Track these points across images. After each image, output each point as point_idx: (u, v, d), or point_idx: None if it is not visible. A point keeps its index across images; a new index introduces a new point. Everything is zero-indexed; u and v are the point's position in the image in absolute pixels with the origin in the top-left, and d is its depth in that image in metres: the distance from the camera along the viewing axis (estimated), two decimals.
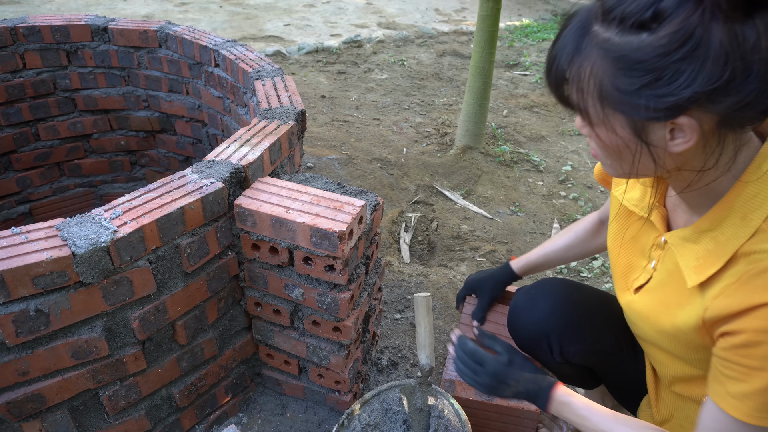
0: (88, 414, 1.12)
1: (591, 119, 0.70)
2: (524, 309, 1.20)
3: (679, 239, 0.81)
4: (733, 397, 0.75)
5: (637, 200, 0.92)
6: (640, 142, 0.68)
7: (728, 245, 0.73)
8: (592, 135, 0.73)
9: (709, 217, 0.76)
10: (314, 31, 5.25)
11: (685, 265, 0.79)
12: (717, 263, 0.74)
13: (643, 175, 0.76)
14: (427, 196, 2.63)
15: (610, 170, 0.79)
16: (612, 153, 0.74)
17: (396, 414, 1.24)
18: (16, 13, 5.03)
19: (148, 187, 1.11)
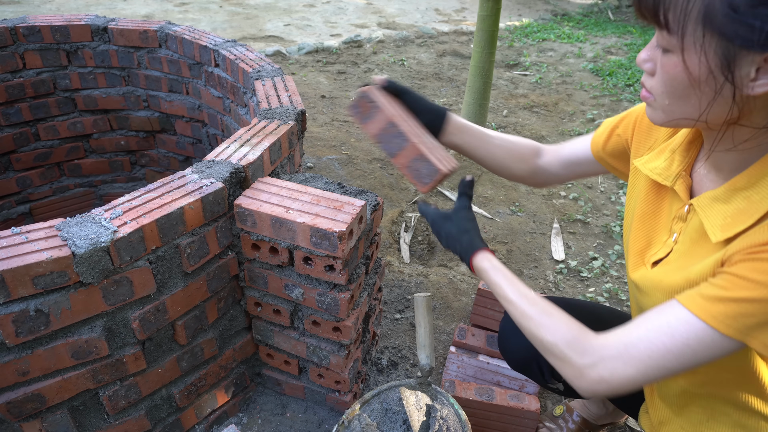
0: (88, 414, 1.12)
1: (684, 43, 0.66)
2: (511, 333, 1.19)
3: (708, 200, 0.77)
4: (704, 298, 0.71)
5: (662, 169, 0.88)
6: (725, 75, 0.65)
7: (762, 203, 0.70)
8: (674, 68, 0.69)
9: (748, 173, 0.73)
10: (314, 31, 5.25)
11: (710, 224, 0.75)
12: (747, 221, 0.71)
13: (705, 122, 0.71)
14: (427, 196, 2.63)
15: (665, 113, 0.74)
16: (684, 89, 0.69)
17: (396, 414, 1.24)
18: (16, 13, 5.03)
19: (148, 187, 1.11)
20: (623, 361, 0.76)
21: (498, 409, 1.34)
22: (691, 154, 0.86)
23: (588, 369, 0.79)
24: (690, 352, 0.72)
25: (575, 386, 0.83)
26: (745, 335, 0.68)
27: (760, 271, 0.66)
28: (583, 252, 2.29)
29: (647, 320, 0.76)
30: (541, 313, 0.87)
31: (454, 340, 1.62)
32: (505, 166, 1.20)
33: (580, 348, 0.81)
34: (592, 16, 6.53)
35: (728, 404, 0.89)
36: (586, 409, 1.42)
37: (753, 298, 0.67)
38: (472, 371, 1.57)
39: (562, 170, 1.17)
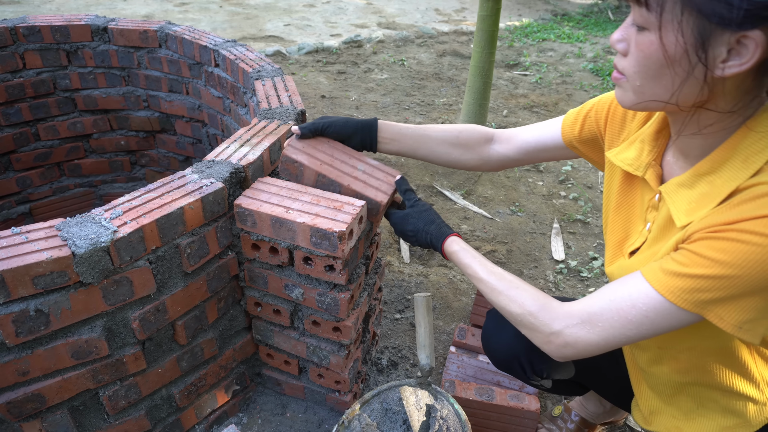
0: (88, 414, 1.12)
1: (662, 21, 0.67)
2: (493, 333, 1.21)
3: (674, 186, 0.80)
4: (664, 272, 0.74)
5: (632, 159, 0.90)
6: (698, 54, 0.66)
7: (725, 186, 0.73)
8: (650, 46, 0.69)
9: (711, 159, 0.75)
10: (314, 31, 5.25)
11: (675, 209, 0.78)
12: (709, 204, 0.73)
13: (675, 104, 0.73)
14: (427, 196, 2.63)
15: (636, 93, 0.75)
16: (657, 68, 0.70)
17: (396, 414, 1.24)
18: (16, 13, 5.03)
19: (148, 187, 1.11)
20: (587, 329, 0.81)
21: (498, 409, 1.34)
22: (660, 143, 0.88)
23: (554, 336, 0.85)
24: (648, 322, 0.76)
25: (545, 351, 0.90)
26: (701, 309, 0.72)
27: (717, 249, 0.69)
28: (583, 252, 2.29)
29: (611, 290, 0.81)
30: (509, 287, 0.93)
31: (454, 340, 1.62)
32: (451, 159, 1.22)
33: (546, 317, 0.86)
34: (592, 16, 6.53)
35: (715, 390, 0.90)
36: (584, 409, 1.42)
37: (708, 275, 0.70)
38: (472, 371, 1.57)
39: (522, 156, 1.17)
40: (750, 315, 0.70)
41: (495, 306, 0.96)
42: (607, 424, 1.48)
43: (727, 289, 0.69)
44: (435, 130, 1.20)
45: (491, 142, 1.20)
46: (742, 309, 0.70)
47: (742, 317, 0.70)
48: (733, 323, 0.71)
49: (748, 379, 0.86)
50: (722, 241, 0.69)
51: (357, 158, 1.21)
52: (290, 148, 1.17)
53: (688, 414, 0.96)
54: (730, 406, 0.90)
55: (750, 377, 0.86)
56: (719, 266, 0.69)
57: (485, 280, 0.97)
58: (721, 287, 0.69)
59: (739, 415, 0.90)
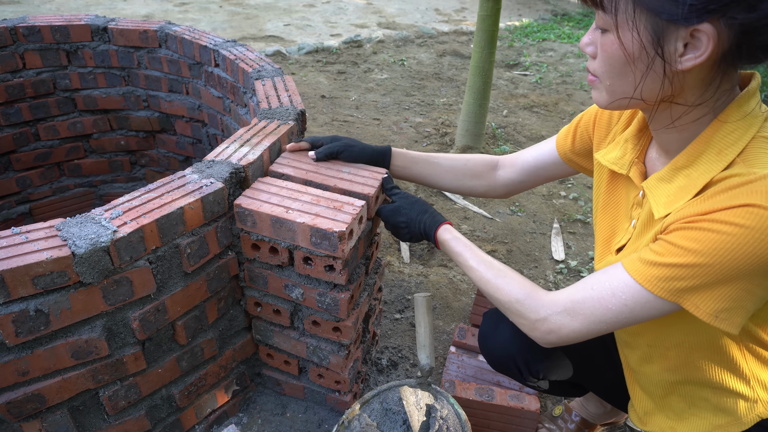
0: (88, 414, 1.12)
1: (618, 21, 0.71)
2: (489, 334, 1.22)
3: (655, 181, 0.83)
4: (642, 262, 0.77)
5: (617, 158, 0.93)
6: (655, 49, 0.70)
7: (700, 179, 0.75)
8: (611, 45, 0.74)
9: (686, 152, 0.78)
10: (314, 31, 5.25)
11: (655, 203, 0.81)
12: (686, 196, 0.76)
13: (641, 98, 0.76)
14: (427, 196, 2.63)
15: (608, 93, 0.79)
16: (621, 66, 0.74)
17: (396, 414, 1.24)
18: (16, 13, 5.03)
19: (148, 187, 1.11)
20: (570, 317, 0.85)
21: (498, 409, 1.34)
22: (643, 141, 0.91)
23: (539, 323, 0.89)
24: (627, 310, 0.79)
25: (531, 337, 0.93)
26: (677, 297, 0.74)
27: (690, 239, 0.71)
28: (583, 252, 2.29)
29: (593, 279, 0.84)
30: (498, 275, 0.97)
31: (454, 340, 1.62)
32: (460, 186, 1.28)
33: (532, 304, 0.90)
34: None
35: (706, 388, 0.91)
36: (584, 409, 1.42)
37: (682, 264, 0.72)
38: (472, 371, 1.57)
39: (526, 177, 1.22)
40: (725, 304, 0.72)
41: (485, 294, 1.00)
42: (608, 425, 1.48)
43: (700, 277, 0.71)
44: (444, 158, 1.27)
45: (496, 169, 1.25)
46: (716, 298, 0.72)
47: (717, 306, 0.72)
48: (709, 312, 0.73)
49: (738, 375, 0.87)
50: (695, 231, 0.71)
51: (341, 163, 1.28)
52: (275, 164, 1.26)
53: (680, 414, 0.96)
54: (721, 404, 0.90)
55: (740, 374, 0.87)
56: (692, 255, 0.71)
57: (475, 269, 1.00)
58: (694, 275, 0.72)
59: (730, 413, 0.90)
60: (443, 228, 1.09)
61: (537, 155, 1.18)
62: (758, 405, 0.88)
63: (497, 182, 1.25)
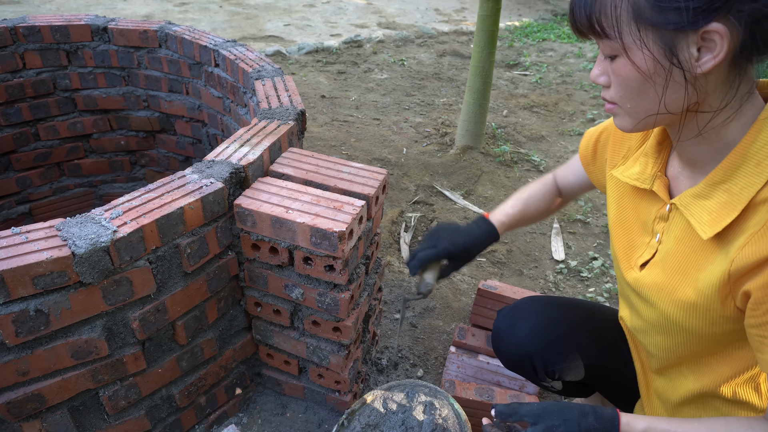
0: (88, 414, 1.12)
1: (625, 44, 0.71)
2: (505, 332, 1.20)
3: (690, 197, 0.80)
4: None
5: (638, 174, 0.92)
6: (670, 60, 0.69)
7: (743, 194, 0.73)
8: (624, 68, 0.73)
9: (723, 167, 0.76)
10: (314, 31, 5.25)
11: (697, 221, 0.78)
12: (732, 213, 0.74)
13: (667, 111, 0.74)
14: (427, 196, 2.63)
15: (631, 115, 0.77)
16: (639, 85, 0.73)
17: (395, 414, 1.24)
18: (16, 13, 5.03)
19: (148, 187, 1.11)
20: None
21: None
22: (663, 155, 0.90)
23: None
24: None
25: None
26: None
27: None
28: (583, 252, 2.29)
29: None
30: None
31: (454, 340, 1.62)
32: (546, 216, 1.32)
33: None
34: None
35: (718, 398, 0.90)
36: None
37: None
38: (472, 371, 1.57)
39: (580, 189, 1.24)
40: None
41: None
42: None
43: None
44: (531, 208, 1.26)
45: (561, 194, 1.29)
46: None
47: None
48: None
49: (752, 385, 0.86)
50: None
51: (342, 164, 1.28)
52: (275, 164, 1.25)
53: None
54: (732, 414, 0.89)
55: (757, 388, 0.86)
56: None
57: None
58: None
59: None
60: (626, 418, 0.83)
61: (576, 175, 1.20)
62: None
63: (566, 201, 1.31)
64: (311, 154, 1.33)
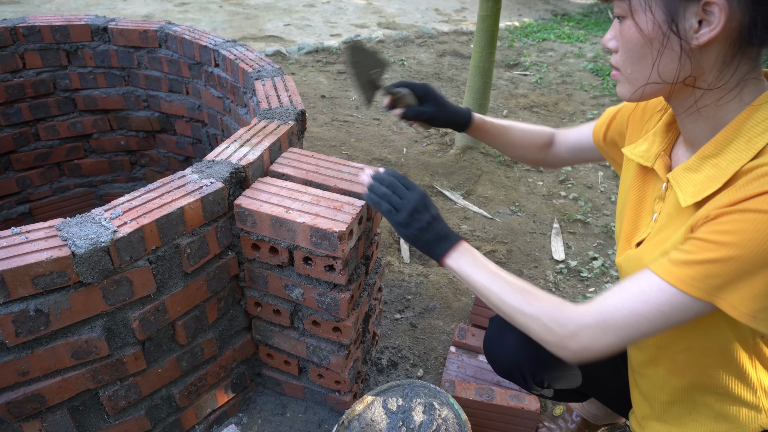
0: (88, 414, 1.12)
1: (632, 6, 0.73)
2: (495, 342, 1.20)
3: (681, 171, 0.81)
4: (672, 263, 0.74)
5: (643, 152, 0.92)
6: (671, 27, 0.70)
7: (729, 168, 0.73)
8: (629, 30, 0.75)
9: (714, 141, 0.76)
10: (314, 31, 5.25)
11: (682, 192, 0.79)
12: (715, 185, 0.74)
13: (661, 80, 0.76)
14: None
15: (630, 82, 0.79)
16: (640, 49, 0.75)
17: (395, 414, 1.24)
18: (16, 13, 5.03)
19: (148, 187, 1.11)
20: (602, 329, 0.79)
21: (498, 409, 1.34)
22: (671, 135, 0.90)
23: (569, 339, 0.82)
24: (662, 316, 0.75)
25: (560, 356, 0.86)
26: (713, 296, 0.71)
27: (722, 231, 0.69)
28: (583, 252, 2.29)
29: (622, 289, 0.79)
30: (523, 290, 0.89)
31: (454, 340, 1.62)
32: (523, 155, 1.29)
33: (561, 319, 0.83)
34: (592, 16, 6.53)
35: (709, 394, 0.90)
36: (585, 410, 1.42)
37: (715, 259, 0.69)
38: (472, 371, 1.57)
39: (569, 155, 1.23)
40: (763, 303, 0.69)
41: (502, 313, 0.92)
42: (609, 425, 1.47)
43: (735, 271, 0.68)
44: (514, 130, 1.26)
45: (552, 144, 1.27)
46: (753, 296, 0.69)
47: (755, 306, 0.69)
48: (747, 312, 0.70)
49: (745, 383, 0.86)
50: (725, 223, 0.69)
51: (342, 164, 1.28)
52: (276, 164, 1.25)
53: (680, 420, 0.95)
54: (723, 411, 0.89)
55: (747, 381, 0.85)
56: (725, 248, 0.68)
57: (497, 282, 0.91)
58: (729, 270, 0.68)
59: (731, 420, 0.89)
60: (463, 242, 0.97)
61: (578, 137, 1.19)
62: (762, 415, 0.87)
63: (550, 156, 1.27)
64: (311, 154, 1.33)
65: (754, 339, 0.82)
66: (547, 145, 1.26)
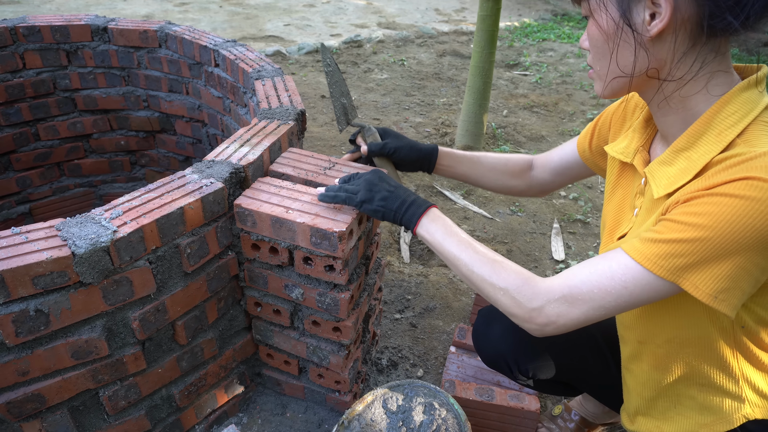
0: (88, 414, 1.12)
1: (591, 6, 0.78)
2: (481, 332, 1.23)
3: (657, 164, 0.83)
4: (641, 242, 0.76)
5: (623, 148, 0.95)
6: (625, 21, 0.75)
7: (700, 160, 0.76)
8: (592, 28, 0.80)
9: (687, 135, 0.79)
10: (314, 31, 5.25)
11: (656, 185, 0.81)
12: (686, 176, 0.76)
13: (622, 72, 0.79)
14: (428, 196, 2.63)
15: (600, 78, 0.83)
16: (602, 45, 0.79)
17: (395, 414, 1.24)
18: (16, 13, 5.03)
19: (148, 187, 1.11)
20: (568, 303, 0.81)
21: (498, 409, 1.34)
22: (649, 132, 0.92)
23: (535, 312, 0.84)
24: (627, 293, 0.76)
25: (526, 329, 0.87)
26: (677, 276, 0.72)
27: (690, 213, 0.71)
28: (583, 252, 2.29)
29: (591, 264, 0.81)
30: (493, 261, 0.90)
31: (454, 340, 1.62)
32: (500, 185, 1.29)
33: (528, 293, 0.84)
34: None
35: (693, 386, 0.90)
36: (584, 408, 1.42)
37: (681, 239, 0.71)
38: (472, 371, 1.57)
39: (554, 177, 1.23)
40: (724, 284, 0.71)
41: (472, 283, 0.92)
42: (608, 425, 1.48)
43: (699, 252, 0.70)
44: (486, 158, 1.29)
45: (531, 169, 1.27)
46: (715, 277, 0.71)
47: (716, 286, 0.71)
48: (709, 292, 0.71)
49: (727, 374, 0.86)
50: (695, 205, 0.71)
51: (342, 164, 1.29)
52: (275, 164, 1.26)
53: (665, 413, 0.96)
54: (707, 402, 0.90)
55: (729, 372, 0.86)
56: (692, 229, 0.70)
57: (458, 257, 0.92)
58: (694, 251, 0.71)
59: (715, 411, 0.90)
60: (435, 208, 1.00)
61: (561, 156, 1.20)
62: (745, 405, 0.88)
63: (533, 182, 1.27)
64: (311, 154, 1.33)
65: (734, 330, 0.83)
66: (524, 170, 1.26)
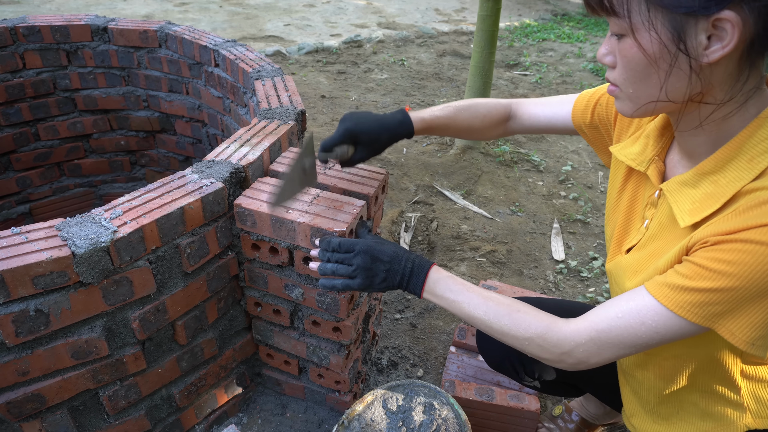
0: (88, 414, 1.12)
1: (632, 24, 0.68)
2: (486, 336, 1.22)
3: (677, 184, 0.79)
4: (670, 287, 0.73)
5: (636, 154, 0.89)
6: (678, 45, 0.66)
7: (729, 187, 0.71)
8: (630, 49, 0.70)
9: (715, 158, 0.74)
10: (314, 31, 5.25)
11: (679, 209, 0.77)
12: (714, 205, 0.72)
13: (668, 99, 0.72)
14: (427, 196, 2.63)
15: (632, 101, 0.75)
16: (643, 69, 0.70)
17: (395, 414, 1.24)
18: (16, 13, 5.03)
19: (148, 187, 1.11)
20: (597, 346, 0.80)
21: (498, 409, 1.34)
22: (665, 140, 0.87)
23: (565, 355, 0.83)
24: (659, 336, 0.75)
25: (558, 367, 0.88)
26: (712, 322, 0.71)
27: (721, 260, 0.68)
28: (583, 252, 2.29)
29: (617, 306, 0.79)
30: (511, 311, 0.88)
31: (454, 340, 1.62)
32: (476, 136, 1.22)
33: (553, 339, 0.84)
34: (592, 15, 6.53)
35: (695, 392, 0.90)
36: (584, 409, 1.42)
37: (715, 288, 0.69)
38: (472, 371, 1.57)
39: (533, 130, 1.18)
40: (761, 332, 0.69)
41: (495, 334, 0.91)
42: (608, 425, 1.47)
43: (734, 301, 0.68)
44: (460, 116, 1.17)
45: (509, 120, 1.20)
46: (753, 325, 0.69)
47: (754, 334, 0.69)
48: (746, 340, 0.70)
49: (730, 385, 0.86)
50: (725, 252, 0.67)
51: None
52: (275, 164, 1.24)
53: (668, 419, 0.96)
54: (709, 409, 0.90)
55: (732, 383, 0.86)
56: (724, 278, 0.67)
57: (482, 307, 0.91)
58: (728, 299, 0.68)
59: (717, 418, 0.90)
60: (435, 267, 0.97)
61: (550, 118, 1.13)
62: (747, 415, 0.87)
63: (507, 131, 1.22)
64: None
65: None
66: (501, 123, 1.19)
